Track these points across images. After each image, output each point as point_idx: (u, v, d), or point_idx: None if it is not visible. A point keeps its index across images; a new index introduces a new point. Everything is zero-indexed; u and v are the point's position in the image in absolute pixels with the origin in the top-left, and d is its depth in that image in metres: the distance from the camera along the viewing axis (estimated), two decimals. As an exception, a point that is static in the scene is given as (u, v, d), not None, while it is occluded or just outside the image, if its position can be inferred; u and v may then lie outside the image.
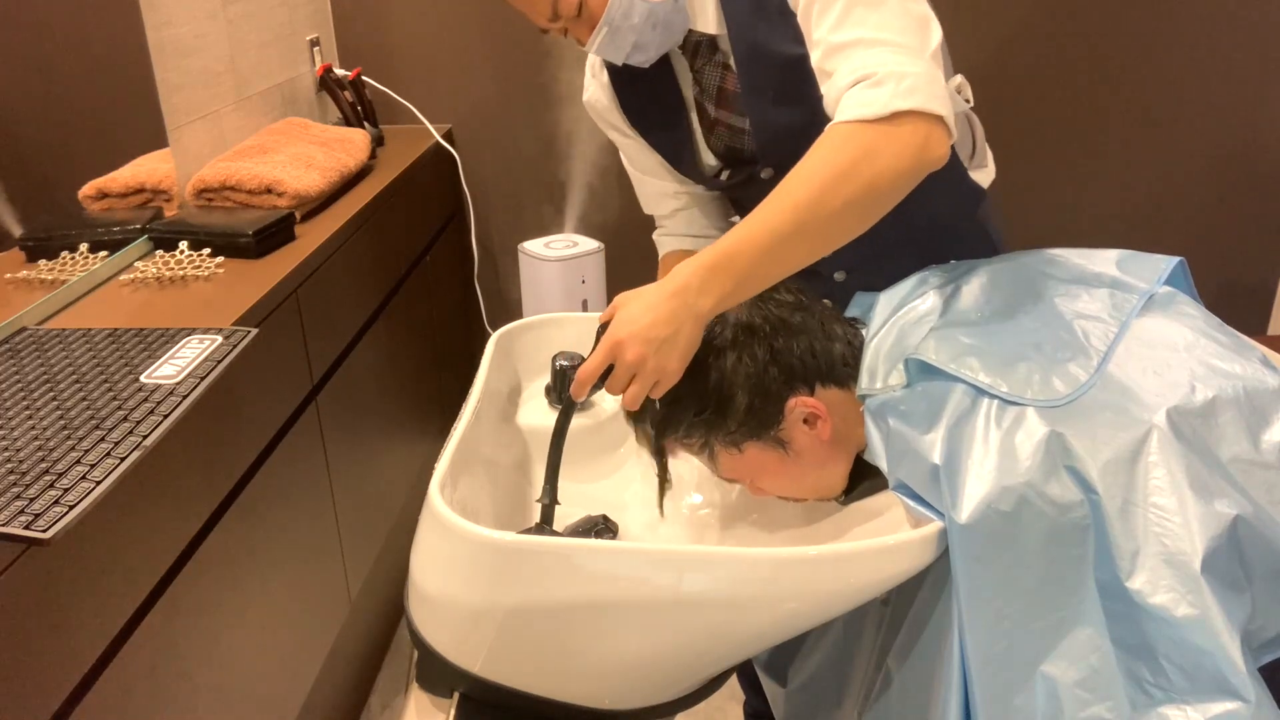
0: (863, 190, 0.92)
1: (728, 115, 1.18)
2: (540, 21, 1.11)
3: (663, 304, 0.94)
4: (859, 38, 0.97)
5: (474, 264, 2.51)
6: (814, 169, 0.93)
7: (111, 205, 1.53)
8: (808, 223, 0.92)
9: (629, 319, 0.95)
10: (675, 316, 0.93)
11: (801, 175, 0.94)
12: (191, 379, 1.11)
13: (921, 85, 0.93)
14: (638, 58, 1.15)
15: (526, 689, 0.99)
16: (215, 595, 1.24)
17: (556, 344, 1.33)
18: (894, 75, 0.93)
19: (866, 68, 0.95)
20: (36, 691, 0.92)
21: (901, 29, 0.97)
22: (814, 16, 1.02)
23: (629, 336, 0.94)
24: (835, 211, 0.92)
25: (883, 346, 1.02)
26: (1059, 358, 0.93)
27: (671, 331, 0.94)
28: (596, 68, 1.29)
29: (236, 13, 1.95)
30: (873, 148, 0.92)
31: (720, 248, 0.94)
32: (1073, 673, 0.84)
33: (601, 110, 1.31)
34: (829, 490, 1.07)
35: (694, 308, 0.94)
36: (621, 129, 1.30)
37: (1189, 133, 2.31)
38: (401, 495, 1.97)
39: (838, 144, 0.94)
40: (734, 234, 0.94)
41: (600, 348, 0.96)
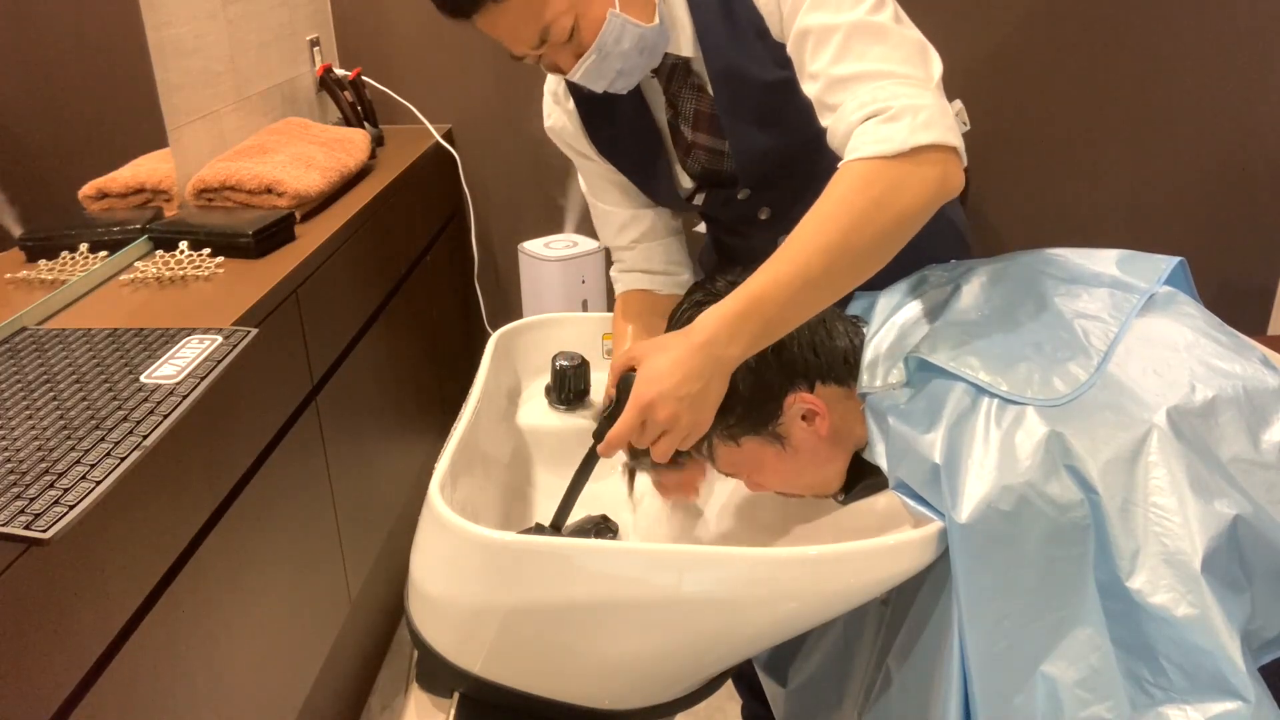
0: (889, 227, 0.91)
1: (706, 138, 1.16)
2: (520, 49, 1.06)
3: (690, 358, 0.92)
4: (864, 70, 0.96)
5: (474, 264, 2.51)
6: (838, 209, 0.91)
7: (111, 205, 1.53)
8: (835, 263, 0.91)
9: (656, 376, 0.92)
10: (704, 370, 0.92)
11: (826, 215, 0.91)
12: (191, 379, 1.11)
13: (936, 118, 0.92)
14: (620, 84, 1.10)
15: (526, 689, 0.99)
16: (215, 595, 1.24)
17: (556, 344, 1.33)
18: (909, 109, 0.92)
19: (878, 101, 0.93)
20: (36, 691, 0.92)
21: (905, 59, 0.96)
22: (809, 49, 1.00)
23: (659, 396, 0.92)
24: (862, 250, 0.91)
25: (883, 345, 1.02)
26: (1059, 357, 0.93)
27: (701, 385, 0.92)
28: (561, 94, 1.24)
29: (236, 13, 1.95)
30: (895, 184, 0.91)
31: (747, 293, 0.91)
32: (1073, 672, 0.84)
33: (568, 138, 1.26)
34: (826, 487, 1.07)
35: (722, 359, 0.92)
36: (589, 156, 1.26)
37: (1189, 133, 2.31)
38: (401, 495, 1.97)
39: (860, 183, 0.91)
40: (759, 278, 0.91)
41: (631, 409, 0.93)
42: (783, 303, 0.91)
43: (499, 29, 1.03)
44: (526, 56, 1.07)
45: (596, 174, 1.28)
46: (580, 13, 1.02)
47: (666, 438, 0.94)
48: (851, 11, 0.97)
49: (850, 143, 0.94)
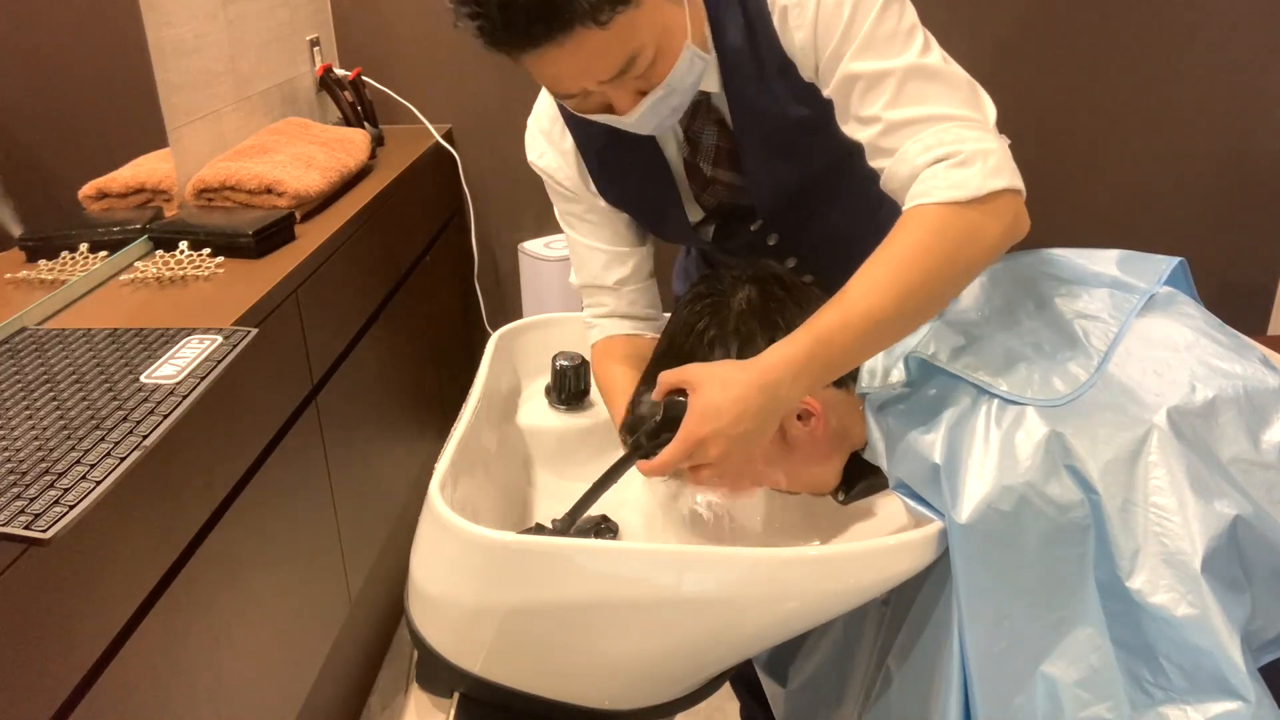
0: (963, 272, 0.92)
1: (726, 174, 1.13)
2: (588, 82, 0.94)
3: (751, 397, 0.89)
4: (925, 114, 0.94)
5: (474, 264, 2.51)
6: (916, 255, 0.90)
7: (111, 205, 1.53)
8: (908, 308, 0.90)
9: (713, 412, 0.90)
10: (762, 411, 0.90)
11: (903, 261, 0.90)
12: (191, 379, 1.10)
13: (1005, 162, 0.92)
14: (667, 124, 1.04)
15: (526, 689, 0.99)
16: (215, 595, 1.24)
17: (556, 344, 1.33)
18: (979, 154, 0.91)
19: (944, 145, 0.92)
20: (37, 691, 0.92)
21: (964, 101, 0.96)
22: (858, 93, 0.98)
23: (714, 434, 0.90)
24: (936, 295, 0.92)
25: (883, 346, 1.02)
26: (1059, 357, 0.93)
27: (758, 425, 0.90)
28: (556, 134, 1.18)
29: (236, 13, 1.95)
30: (972, 231, 0.91)
31: (816, 333, 0.89)
32: (1073, 672, 0.84)
33: (561, 177, 1.19)
34: (822, 486, 1.07)
35: (782, 399, 0.90)
36: (583, 198, 1.20)
37: (1189, 133, 2.31)
38: (401, 495, 1.97)
39: (937, 228, 0.90)
40: (829, 319, 0.89)
41: (682, 441, 0.91)
42: (851, 344, 0.90)
43: (574, 60, 0.91)
44: (579, 95, 0.97)
45: (585, 210, 1.21)
46: (661, 43, 0.95)
47: (710, 470, 0.93)
48: (902, 56, 0.95)
49: (918, 186, 0.93)
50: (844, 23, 0.96)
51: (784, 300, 1.04)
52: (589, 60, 0.91)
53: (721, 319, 1.03)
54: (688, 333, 1.05)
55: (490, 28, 0.90)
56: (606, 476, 1.00)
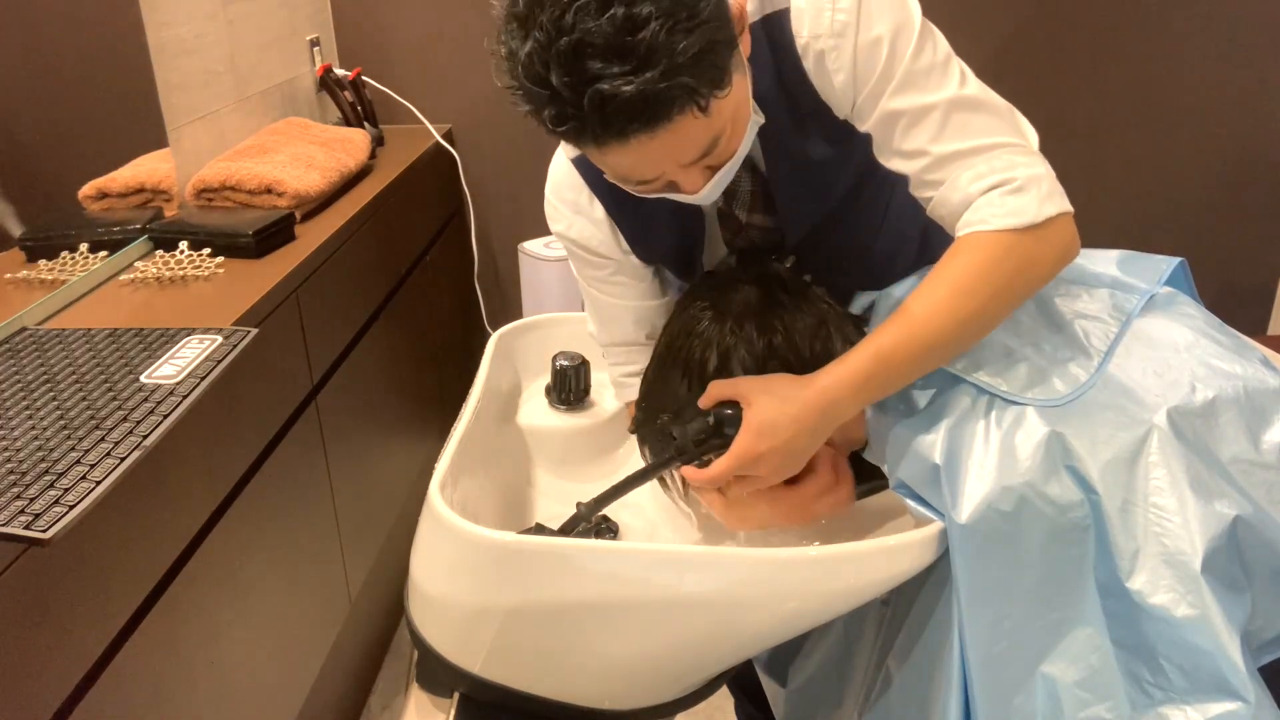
0: (1020, 297, 0.93)
1: (761, 218, 1.12)
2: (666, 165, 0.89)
3: (807, 417, 0.91)
4: (973, 145, 0.95)
5: (474, 264, 2.51)
6: (978, 281, 0.91)
7: (111, 205, 1.53)
8: (966, 332, 0.92)
9: (770, 429, 0.91)
10: (818, 430, 0.92)
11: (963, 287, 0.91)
12: (191, 379, 1.10)
13: (1056, 187, 0.94)
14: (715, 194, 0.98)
15: (526, 689, 0.98)
16: (215, 595, 1.24)
17: (556, 344, 1.33)
18: (1033, 180, 0.92)
19: (996, 173, 0.93)
20: (36, 691, 0.92)
21: (1010, 129, 0.97)
22: (901, 129, 0.97)
23: (770, 451, 0.91)
24: (995, 320, 0.93)
25: (883, 346, 1.01)
26: (1059, 357, 0.93)
27: (811, 443, 0.92)
28: (584, 203, 1.12)
29: (236, 13, 1.95)
30: (1032, 257, 0.92)
31: (877, 352, 0.91)
32: (1073, 673, 0.84)
33: (595, 246, 1.14)
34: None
35: (835, 420, 0.92)
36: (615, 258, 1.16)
37: (1189, 133, 2.31)
38: (401, 495, 1.97)
39: (997, 255, 0.91)
40: (888, 338, 0.91)
41: (737, 458, 0.92)
42: (906, 365, 0.92)
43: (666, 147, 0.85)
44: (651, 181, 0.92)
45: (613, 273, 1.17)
46: (735, 117, 0.90)
47: (753, 482, 0.95)
48: (942, 89, 0.95)
49: (972, 214, 0.93)
50: (883, 61, 0.95)
51: (784, 301, 1.04)
52: (677, 148, 0.87)
53: (721, 321, 1.03)
54: (687, 334, 1.05)
55: (580, 128, 0.82)
56: (644, 473, 1.00)
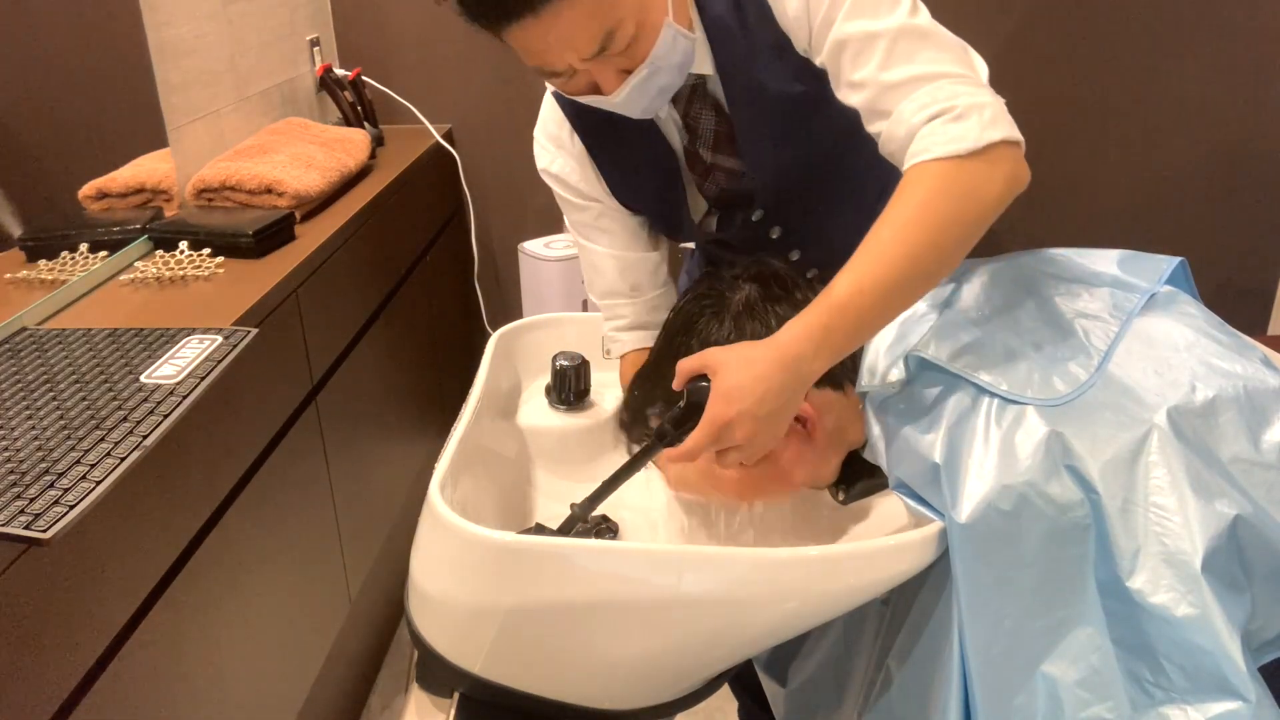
0: (970, 228, 0.91)
1: (726, 159, 1.13)
2: (569, 59, 0.96)
3: (774, 375, 0.88)
4: (917, 73, 0.94)
5: (474, 264, 2.51)
6: (921, 213, 0.89)
7: (111, 205, 1.53)
8: (920, 268, 0.89)
9: (737, 393, 0.88)
10: (786, 387, 0.89)
11: (907, 220, 0.89)
12: (191, 379, 1.10)
13: (1001, 114, 0.92)
14: (655, 105, 1.04)
15: (526, 689, 0.98)
16: (215, 595, 1.24)
17: (556, 344, 1.33)
18: (974, 107, 0.91)
19: (938, 102, 0.92)
20: (36, 691, 0.92)
21: (955, 60, 0.96)
22: (849, 57, 0.97)
23: (739, 415, 0.88)
24: (945, 252, 0.90)
25: (883, 344, 1.01)
26: (1059, 357, 0.93)
27: (783, 403, 0.89)
28: (565, 137, 1.17)
29: (236, 13, 1.95)
30: (974, 184, 0.90)
31: (830, 303, 0.89)
32: (1073, 672, 0.84)
33: (575, 182, 1.19)
34: (818, 481, 1.07)
35: (806, 375, 0.89)
36: (596, 198, 1.19)
37: (1189, 132, 2.31)
38: (401, 495, 1.97)
39: (937, 184, 0.90)
40: (843, 287, 0.89)
41: (708, 426, 0.90)
42: (866, 311, 0.89)
43: (552, 34, 0.93)
44: (562, 74, 0.99)
45: (597, 216, 1.21)
46: (640, 19, 0.95)
47: (736, 453, 0.92)
48: (891, 16, 0.95)
49: (915, 144, 0.92)
50: None
51: (783, 298, 1.04)
52: (567, 34, 0.93)
53: (721, 318, 1.03)
54: (686, 332, 1.05)
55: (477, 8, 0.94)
56: (631, 464, 1.00)
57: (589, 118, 1.12)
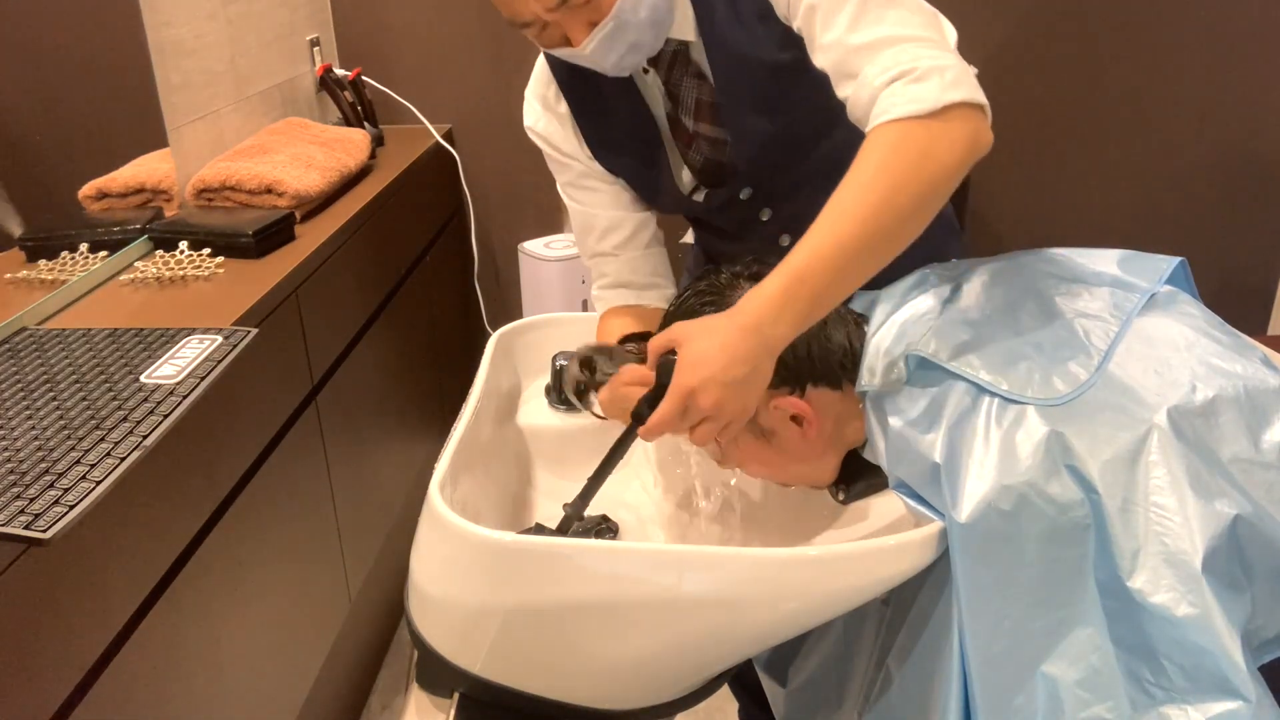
0: (927, 189, 0.90)
1: (708, 127, 1.14)
2: (535, 8, 1.00)
3: (737, 342, 0.88)
4: (883, 36, 0.94)
5: (474, 264, 2.51)
6: (876, 174, 0.89)
7: (111, 205, 1.53)
8: (877, 231, 0.89)
9: (700, 361, 0.88)
10: (751, 354, 0.88)
11: (863, 182, 0.89)
12: (191, 379, 1.10)
13: (963, 77, 0.92)
14: (627, 62, 1.06)
15: (526, 689, 0.98)
16: (215, 595, 1.24)
17: (556, 344, 1.33)
18: (935, 69, 0.91)
19: (901, 64, 0.92)
20: (36, 691, 0.92)
21: (923, 24, 0.96)
22: (819, 21, 0.98)
23: (704, 382, 0.88)
24: (904, 214, 0.89)
25: (883, 343, 1.01)
26: (1060, 356, 0.93)
27: (748, 370, 0.88)
28: (551, 97, 1.21)
29: (236, 13, 1.95)
30: (931, 144, 0.90)
31: (789, 270, 0.88)
32: (1073, 672, 0.84)
33: (558, 142, 1.22)
34: (819, 480, 1.07)
35: (769, 340, 0.88)
36: (579, 160, 1.22)
37: (1189, 133, 2.31)
38: (401, 495, 1.97)
39: (895, 145, 0.90)
40: (801, 253, 0.89)
41: (673, 396, 0.90)
42: (827, 276, 0.88)
43: None
44: (533, 25, 1.02)
45: (581, 176, 1.23)
46: None
47: (709, 424, 0.91)
48: None
49: (877, 107, 0.92)
50: None
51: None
52: None
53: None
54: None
55: None
56: (612, 453, 1.00)
57: (575, 79, 1.15)
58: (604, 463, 1.01)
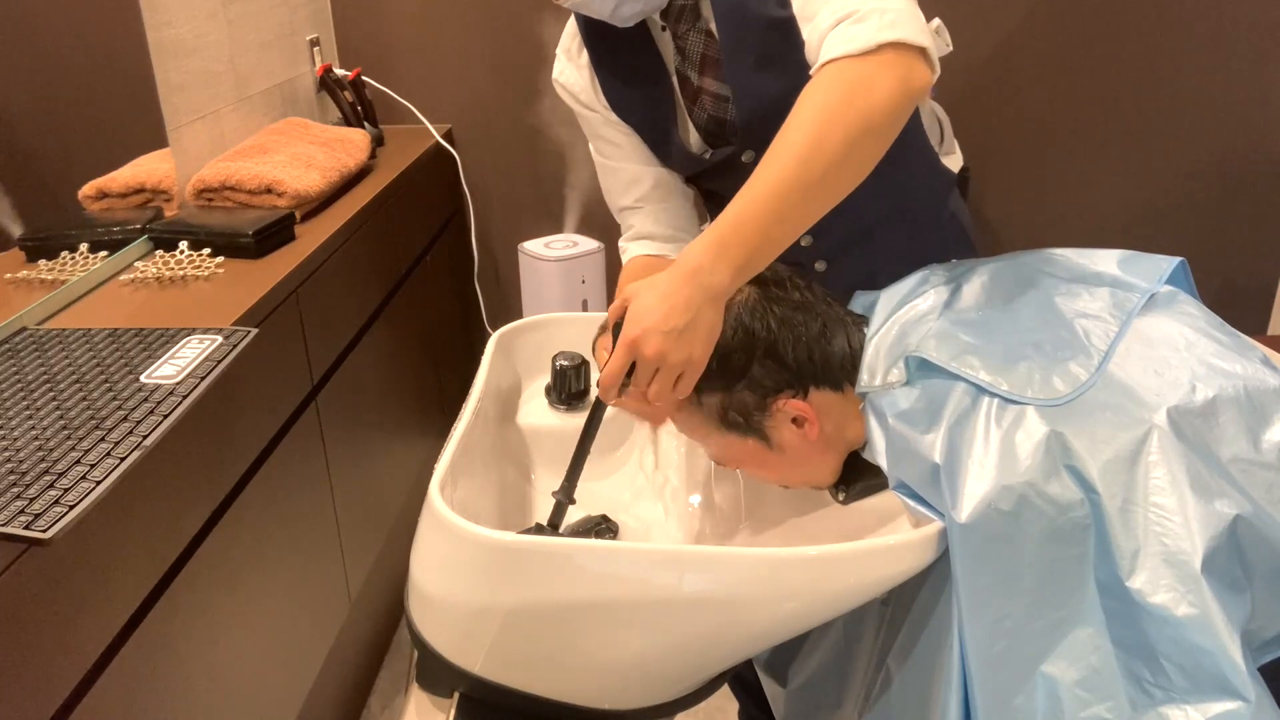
0: (858, 127, 0.90)
1: (712, 83, 1.16)
2: None
3: (677, 291, 0.90)
4: None
5: (474, 264, 2.51)
6: (805, 114, 0.91)
7: (111, 205, 1.53)
8: (810, 172, 0.89)
9: (643, 312, 0.91)
10: (691, 302, 0.90)
11: (795, 123, 0.91)
12: (191, 379, 1.10)
13: (904, 19, 0.93)
14: (626, 10, 1.11)
15: (526, 689, 0.99)
16: (215, 595, 1.24)
17: (556, 344, 1.33)
18: (876, 10, 0.92)
19: (848, 7, 0.94)
20: (37, 691, 0.92)
21: None
22: None
23: (645, 331, 0.90)
24: (835, 154, 0.90)
25: (883, 344, 1.02)
26: (1059, 356, 0.93)
27: (690, 318, 0.90)
28: (574, 50, 1.26)
29: (236, 13, 1.95)
30: (861, 81, 0.91)
31: (727, 218, 0.90)
32: (1073, 672, 0.84)
33: (576, 92, 1.27)
34: (819, 482, 1.07)
35: (710, 288, 0.90)
36: (598, 111, 1.26)
37: (1189, 133, 2.31)
38: (401, 495, 1.97)
39: (827, 84, 0.92)
40: (738, 201, 0.90)
41: (619, 347, 0.92)
42: (763, 221, 0.90)
43: None
44: None
45: (609, 131, 1.27)
46: None
47: (660, 376, 0.92)
48: None
49: (822, 50, 0.95)
50: None
51: (783, 301, 1.03)
52: None
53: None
54: None
55: None
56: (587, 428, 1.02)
57: (596, 33, 1.21)
58: (581, 438, 1.03)
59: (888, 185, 1.14)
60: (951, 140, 1.31)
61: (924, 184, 1.25)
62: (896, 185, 1.15)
